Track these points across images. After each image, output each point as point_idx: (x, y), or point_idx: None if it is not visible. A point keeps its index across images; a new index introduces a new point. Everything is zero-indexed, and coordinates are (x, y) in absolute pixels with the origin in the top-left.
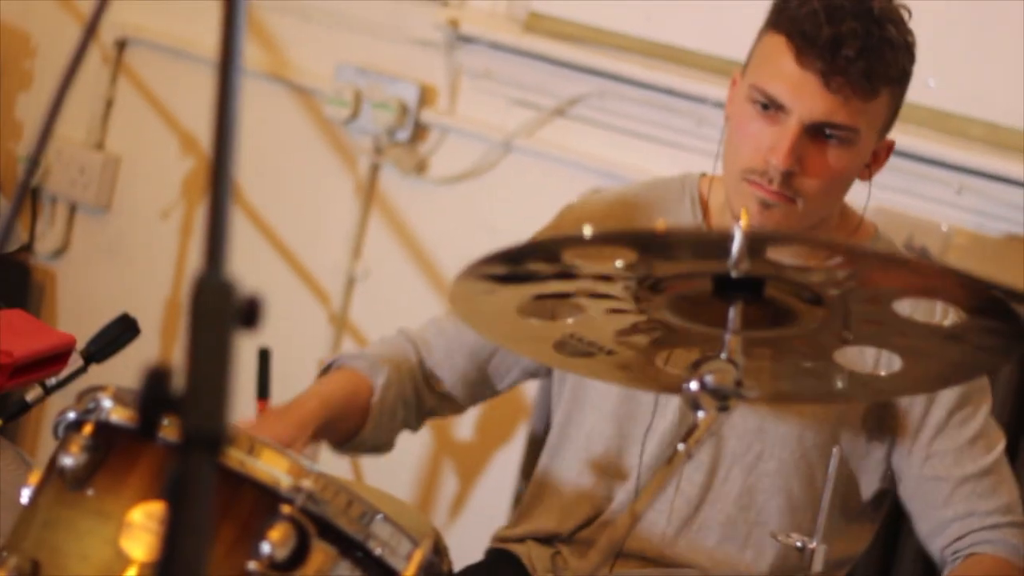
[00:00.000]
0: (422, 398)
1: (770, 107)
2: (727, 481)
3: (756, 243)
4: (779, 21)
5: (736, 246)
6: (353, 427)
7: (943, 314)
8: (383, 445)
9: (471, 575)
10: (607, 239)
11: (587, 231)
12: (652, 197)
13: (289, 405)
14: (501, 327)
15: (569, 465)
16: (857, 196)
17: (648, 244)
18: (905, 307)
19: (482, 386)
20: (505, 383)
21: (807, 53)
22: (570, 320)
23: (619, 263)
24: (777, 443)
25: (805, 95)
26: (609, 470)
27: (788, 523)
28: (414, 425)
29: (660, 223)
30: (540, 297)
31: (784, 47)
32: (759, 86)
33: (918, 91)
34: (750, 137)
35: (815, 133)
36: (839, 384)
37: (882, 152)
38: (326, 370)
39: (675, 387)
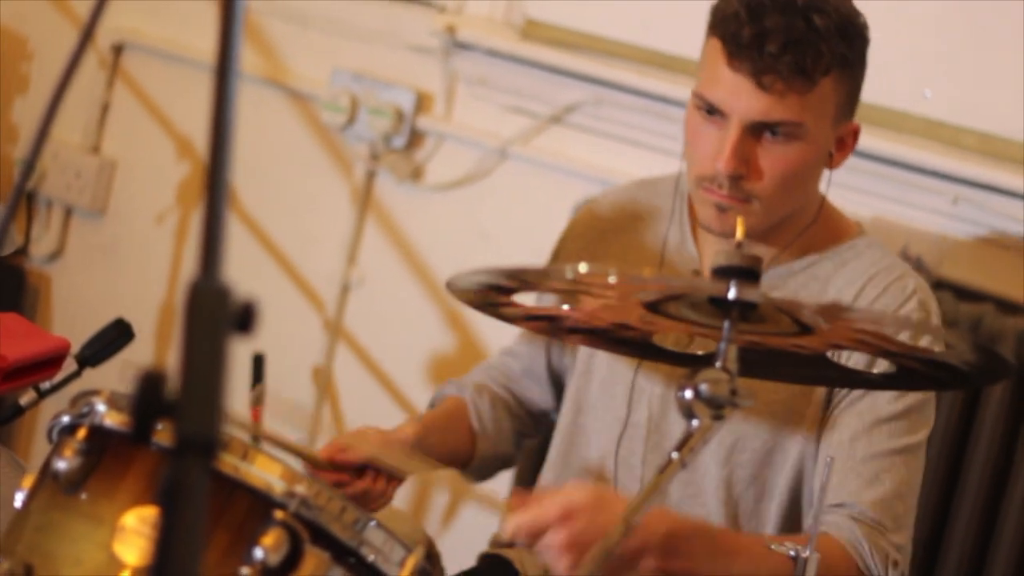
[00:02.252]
0: (520, 415)
1: (713, 112)
2: (705, 476)
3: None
4: (713, 24)
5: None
6: (463, 443)
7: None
8: (505, 457)
9: None
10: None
11: (582, 268)
12: (644, 201)
13: (391, 430)
14: None
15: (558, 470)
16: (843, 201)
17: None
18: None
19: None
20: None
21: (736, 55)
22: (565, 307)
23: (612, 279)
24: (749, 434)
25: (740, 97)
26: (594, 462)
27: (766, 516)
28: (520, 440)
29: (647, 271)
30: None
31: (719, 51)
32: (700, 93)
33: (914, 101)
34: (699, 145)
35: (758, 132)
36: (827, 373)
37: (848, 138)
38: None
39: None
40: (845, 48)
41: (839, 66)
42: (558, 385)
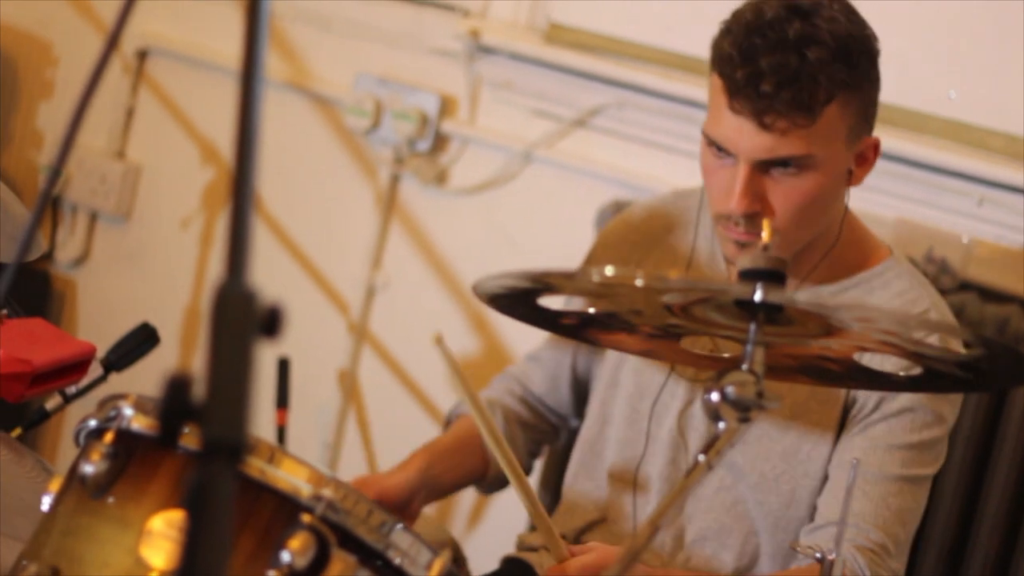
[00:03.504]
0: (536, 424)
1: (721, 151)
2: (720, 490)
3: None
4: (712, 61)
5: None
6: (477, 463)
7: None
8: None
9: None
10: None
11: (608, 271)
12: (676, 212)
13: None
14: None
15: (580, 472)
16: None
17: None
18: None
19: (585, 399)
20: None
21: (735, 96)
22: (591, 310)
23: (639, 282)
24: (772, 435)
25: (744, 138)
26: (614, 475)
27: (776, 530)
28: (536, 450)
29: (673, 273)
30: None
31: (720, 90)
32: (708, 133)
33: (939, 103)
34: (713, 183)
35: (768, 168)
36: (850, 374)
37: (868, 152)
38: (446, 427)
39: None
40: (846, 73)
41: (843, 91)
42: (581, 392)
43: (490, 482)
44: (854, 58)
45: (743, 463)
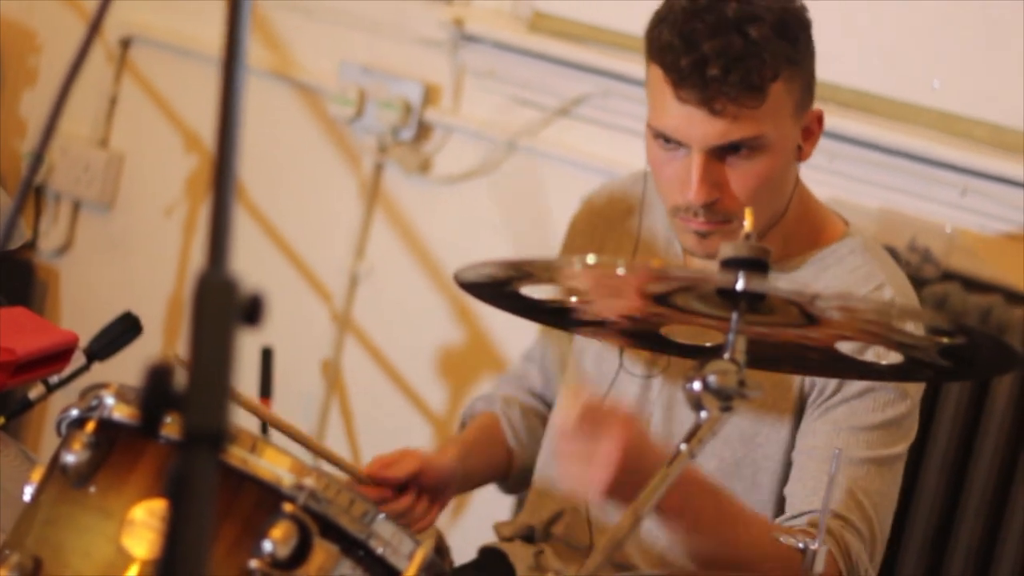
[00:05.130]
0: (548, 418)
1: (670, 142)
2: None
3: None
4: (649, 52)
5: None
6: (503, 459)
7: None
8: None
9: (461, 574)
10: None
11: (590, 260)
12: (631, 194)
13: (434, 452)
14: None
15: (547, 460)
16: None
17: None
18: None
19: None
20: None
21: (679, 86)
22: (573, 299)
23: (621, 271)
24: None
25: (695, 126)
26: None
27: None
28: None
29: (656, 262)
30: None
31: (663, 80)
32: (653, 126)
33: (923, 93)
34: (665, 177)
35: (722, 154)
36: (830, 363)
37: (812, 125)
38: (462, 427)
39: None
40: (788, 48)
41: (786, 66)
42: None
43: (513, 481)
44: (793, 31)
45: (703, 449)
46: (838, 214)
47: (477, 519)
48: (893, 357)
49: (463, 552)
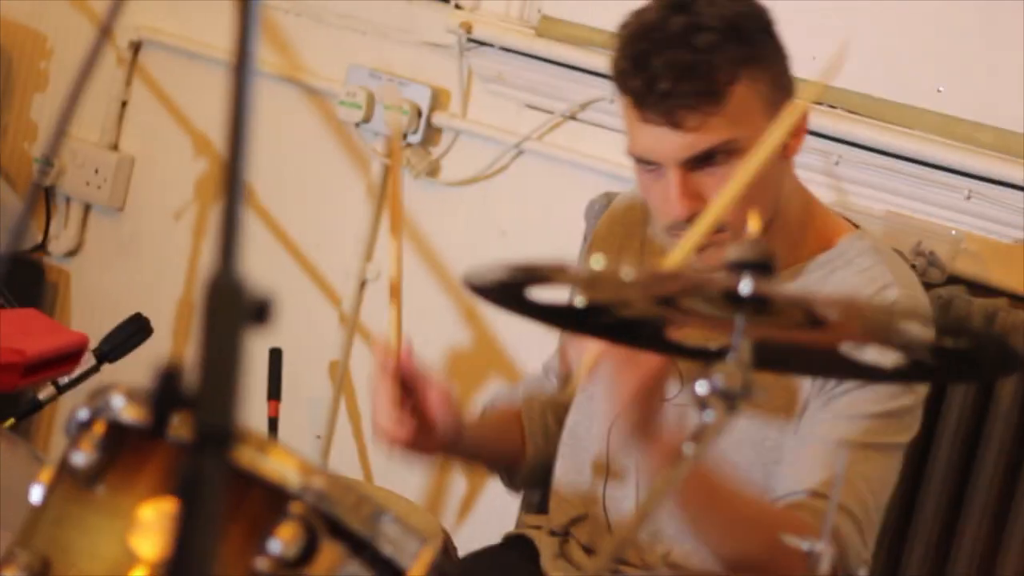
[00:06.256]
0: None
1: (650, 164)
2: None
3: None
4: (614, 81)
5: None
6: (516, 445)
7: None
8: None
9: (484, 556)
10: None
11: (596, 264)
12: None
13: None
14: None
15: (567, 464)
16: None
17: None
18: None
19: None
20: None
21: (639, 107)
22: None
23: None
24: (728, 443)
25: (662, 145)
26: (597, 468)
27: None
28: None
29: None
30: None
31: (628, 107)
32: (630, 152)
33: (927, 97)
34: (653, 200)
35: (697, 165)
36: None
37: (796, 120)
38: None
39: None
40: (743, 49)
41: (745, 67)
42: None
43: (522, 477)
44: (747, 33)
45: (715, 455)
46: (847, 218)
47: (482, 522)
48: (896, 358)
49: (468, 552)
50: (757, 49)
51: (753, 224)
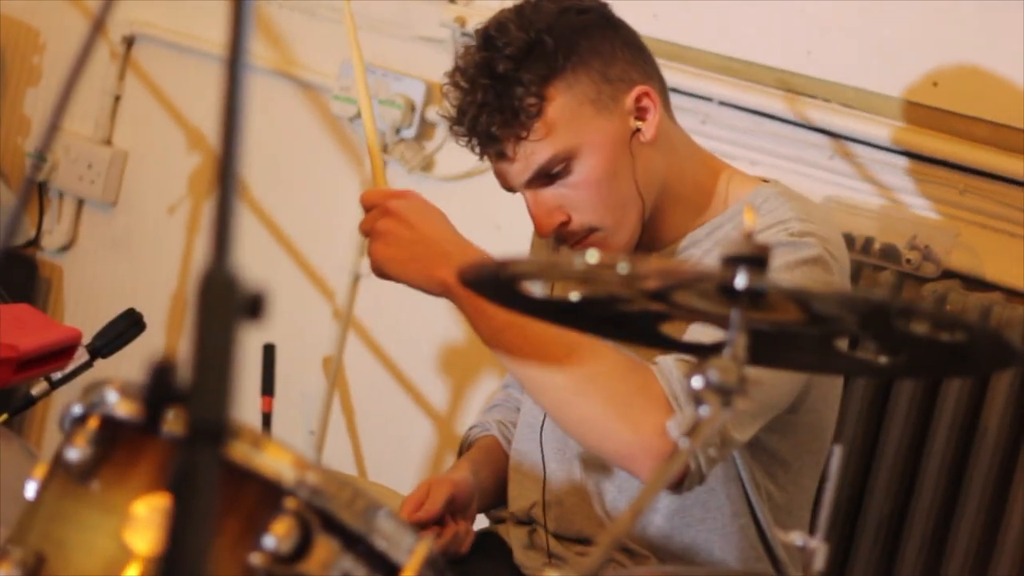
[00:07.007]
0: None
1: (516, 192)
2: None
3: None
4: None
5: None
6: (506, 471)
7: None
8: None
9: (455, 565)
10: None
11: (591, 258)
12: None
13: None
14: None
15: (518, 448)
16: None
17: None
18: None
19: None
20: None
21: (473, 149)
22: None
23: (623, 268)
24: None
25: (504, 178)
26: (525, 463)
27: (746, 506)
28: None
29: (655, 260)
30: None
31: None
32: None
33: (923, 91)
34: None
35: (543, 182)
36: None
37: (643, 102)
38: (460, 453)
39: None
40: (545, 64)
41: (553, 80)
42: None
43: None
44: (549, 48)
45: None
46: (759, 177)
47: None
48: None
49: None
50: (564, 58)
51: (747, 219)
